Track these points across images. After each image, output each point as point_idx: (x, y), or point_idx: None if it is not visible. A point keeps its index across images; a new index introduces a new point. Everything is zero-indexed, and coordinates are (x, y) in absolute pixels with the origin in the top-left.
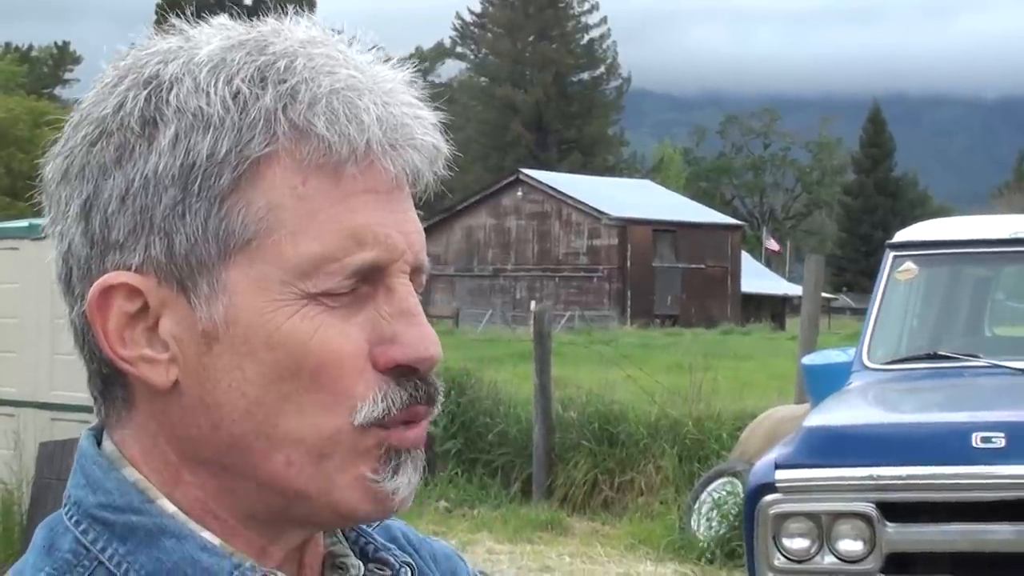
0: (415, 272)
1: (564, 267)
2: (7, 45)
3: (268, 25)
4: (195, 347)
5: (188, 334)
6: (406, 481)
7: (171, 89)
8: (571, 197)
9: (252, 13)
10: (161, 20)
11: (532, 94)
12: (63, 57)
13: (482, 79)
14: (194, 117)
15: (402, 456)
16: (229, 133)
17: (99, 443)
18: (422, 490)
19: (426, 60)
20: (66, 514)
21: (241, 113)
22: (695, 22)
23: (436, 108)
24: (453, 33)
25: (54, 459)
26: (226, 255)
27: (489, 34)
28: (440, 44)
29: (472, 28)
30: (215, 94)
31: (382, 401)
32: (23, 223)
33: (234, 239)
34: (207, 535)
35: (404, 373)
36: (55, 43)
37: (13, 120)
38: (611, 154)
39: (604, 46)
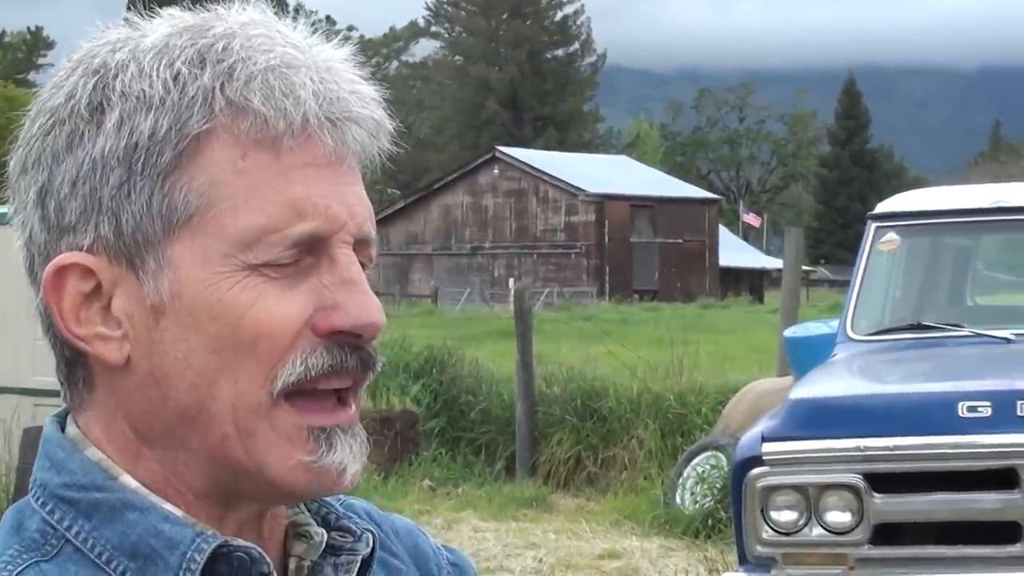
0: (361, 244)
1: (542, 244)
2: None
3: (212, 12)
4: (144, 322)
5: (138, 310)
6: (348, 454)
7: (117, 75)
8: (548, 174)
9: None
10: (133, 3)
11: (507, 72)
12: (37, 42)
13: (456, 58)
14: (137, 100)
15: (330, 430)
16: (169, 112)
17: (63, 429)
18: (406, 470)
19: (400, 40)
20: (33, 496)
21: (180, 93)
22: None
23: (411, 87)
24: (426, 12)
25: (37, 444)
26: (170, 231)
27: (463, 12)
28: (414, 23)
29: (446, 7)
30: (157, 77)
31: (300, 364)
32: (1, 209)
33: (177, 215)
34: (169, 507)
35: (346, 340)
36: (28, 28)
37: None
38: (586, 131)
39: (578, 23)
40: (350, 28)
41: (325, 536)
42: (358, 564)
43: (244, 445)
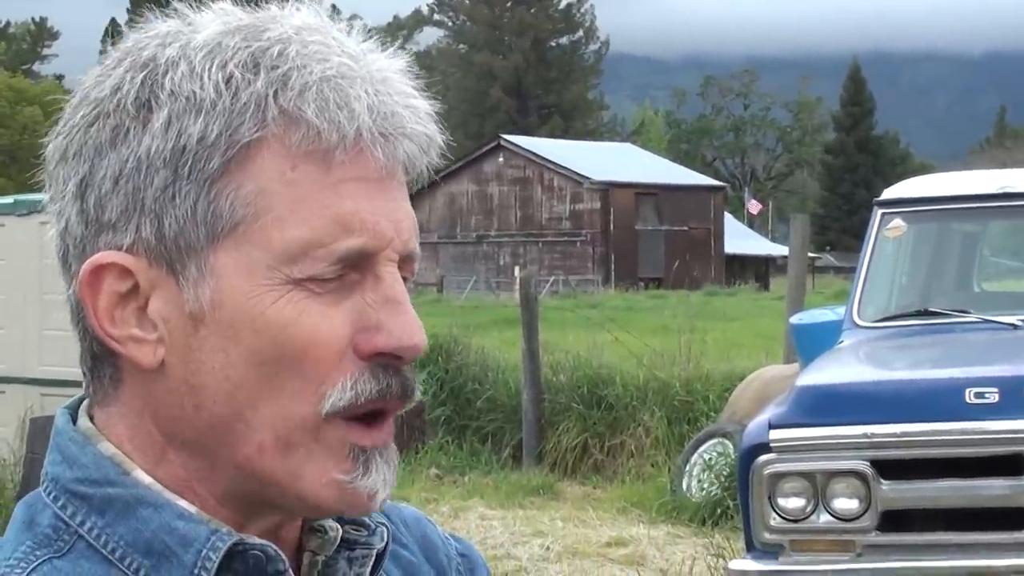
0: (406, 260)
1: (547, 232)
2: None
3: (267, 11)
4: (182, 329)
5: (176, 315)
6: (381, 480)
7: (167, 72)
8: (552, 162)
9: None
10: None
11: (511, 60)
12: (41, 33)
13: (461, 46)
14: (187, 101)
15: (369, 452)
16: (220, 117)
17: (74, 421)
18: (413, 458)
19: (404, 28)
20: (44, 490)
21: (233, 98)
22: None
23: (416, 77)
24: (430, 1)
25: (45, 434)
26: (214, 239)
27: (466, 1)
28: (418, 12)
29: None
30: (208, 78)
31: (350, 389)
32: (8, 200)
33: (222, 223)
34: (184, 504)
35: (386, 362)
36: (32, 19)
37: None
38: (591, 118)
39: (582, 10)
40: (353, 16)
41: (340, 531)
42: (373, 558)
43: (282, 457)
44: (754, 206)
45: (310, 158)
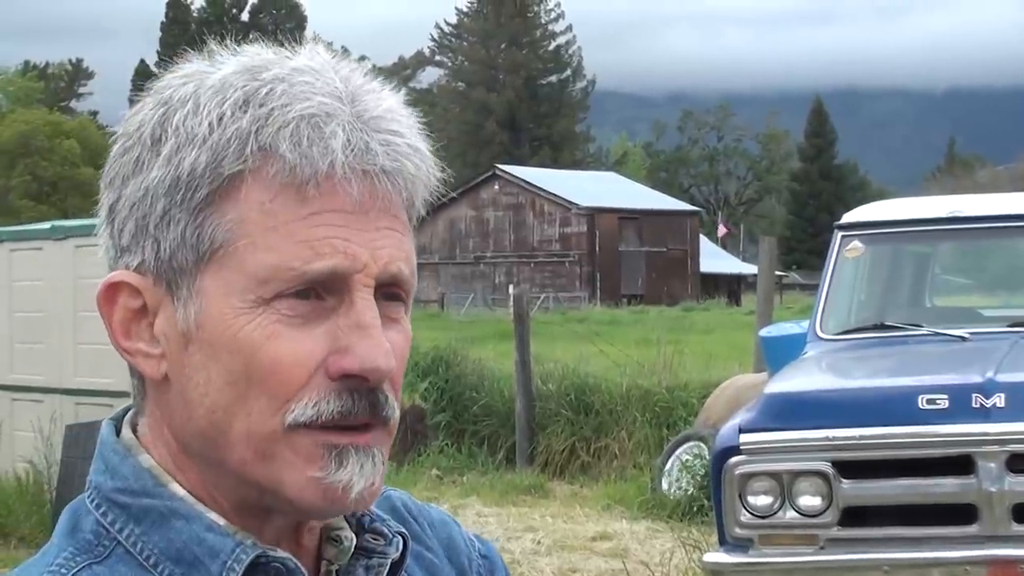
0: (394, 286)
1: (538, 253)
2: (26, 63)
3: (281, 51)
4: (177, 345)
5: (172, 333)
6: (357, 471)
7: (177, 110)
8: (543, 189)
9: (248, 29)
10: (167, 38)
11: (505, 96)
12: (77, 73)
13: (459, 84)
14: (188, 135)
15: (343, 448)
16: (209, 151)
17: (118, 432)
18: (416, 460)
19: (407, 68)
20: (88, 498)
21: (221, 133)
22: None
23: (419, 114)
24: (432, 43)
25: (79, 440)
26: (200, 262)
27: (464, 43)
28: (420, 53)
29: (449, 37)
30: (207, 116)
31: (313, 407)
32: (46, 225)
33: (205, 247)
34: (213, 516)
35: (354, 384)
36: (69, 60)
37: (33, 131)
38: (578, 150)
39: (570, 51)
40: (362, 58)
41: (354, 540)
42: (387, 567)
43: (263, 467)
44: (721, 230)
45: (286, 190)
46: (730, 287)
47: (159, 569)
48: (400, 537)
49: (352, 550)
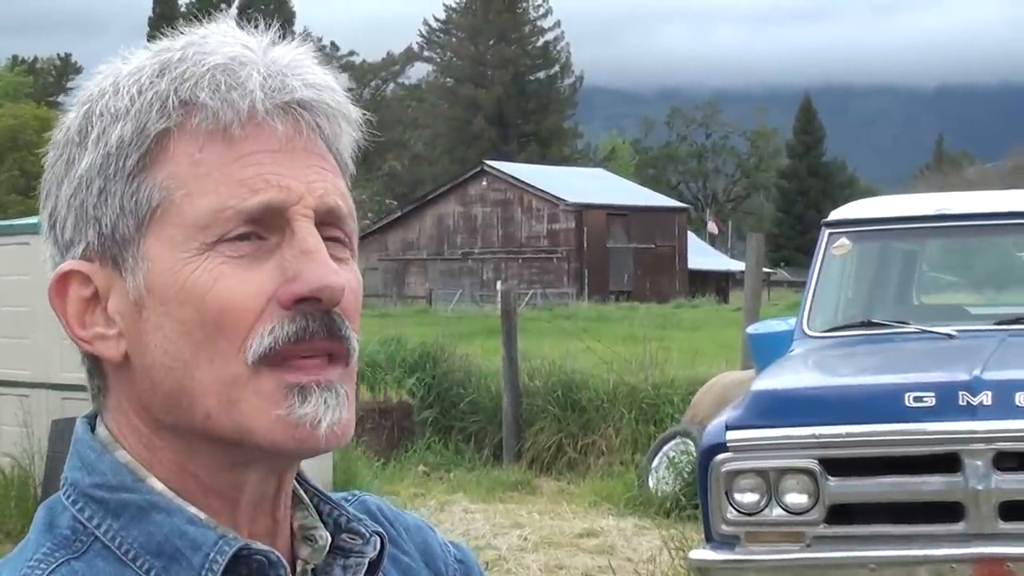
0: (331, 217)
1: (526, 249)
2: (14, 58)
3: (183, 31)
4: (132, 317)
5: (126, 307)
6: (322, 405)
7: (98, 100)
8: (531, 185)
9: (236, 26)
10: (155, 33)
11: (493, 92)
12: (65, 68)
13: (447, 80)
14: (112, 116)
15: (306, 385)
16: (132, 119)
17: (93, 429)
18: (403, 456)
19: (396, 63)
20: (64, 495)
21: (141, 101)
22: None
23: (407, 107)
24: (420, 39)
25: (65, 435)
26: (141, 226)
27: (453, 39)
28: (409, 49)
29: (438, 33)
30: (125, 92)
31: (269, 335)
32: (33, 220)
33: (143, 209)
34: (193, 509)
35: (308, 308)
36: (58, 55)
37: (22, 126)
38: (566, 146)
39: (558, 47)
40: (351, 53)
41: (329, 540)
42: (365, 566)
43: (229, 416)
44: (712, 227)
45: (212, 137)
46: (718, 284)
47: (138, 563)
48: (378, 536)
49: (327, 549)
